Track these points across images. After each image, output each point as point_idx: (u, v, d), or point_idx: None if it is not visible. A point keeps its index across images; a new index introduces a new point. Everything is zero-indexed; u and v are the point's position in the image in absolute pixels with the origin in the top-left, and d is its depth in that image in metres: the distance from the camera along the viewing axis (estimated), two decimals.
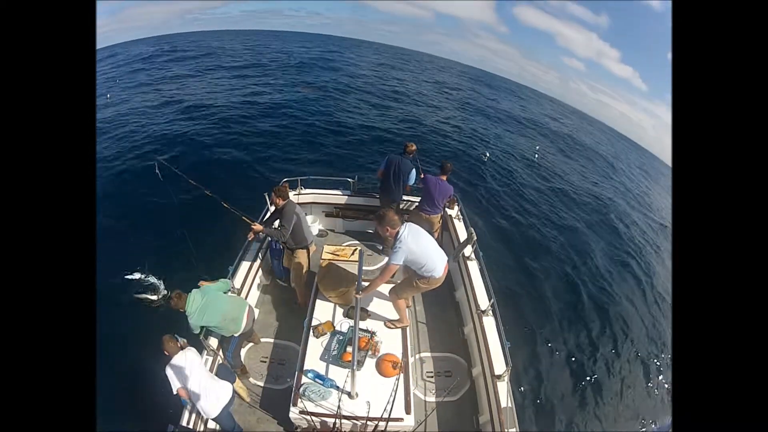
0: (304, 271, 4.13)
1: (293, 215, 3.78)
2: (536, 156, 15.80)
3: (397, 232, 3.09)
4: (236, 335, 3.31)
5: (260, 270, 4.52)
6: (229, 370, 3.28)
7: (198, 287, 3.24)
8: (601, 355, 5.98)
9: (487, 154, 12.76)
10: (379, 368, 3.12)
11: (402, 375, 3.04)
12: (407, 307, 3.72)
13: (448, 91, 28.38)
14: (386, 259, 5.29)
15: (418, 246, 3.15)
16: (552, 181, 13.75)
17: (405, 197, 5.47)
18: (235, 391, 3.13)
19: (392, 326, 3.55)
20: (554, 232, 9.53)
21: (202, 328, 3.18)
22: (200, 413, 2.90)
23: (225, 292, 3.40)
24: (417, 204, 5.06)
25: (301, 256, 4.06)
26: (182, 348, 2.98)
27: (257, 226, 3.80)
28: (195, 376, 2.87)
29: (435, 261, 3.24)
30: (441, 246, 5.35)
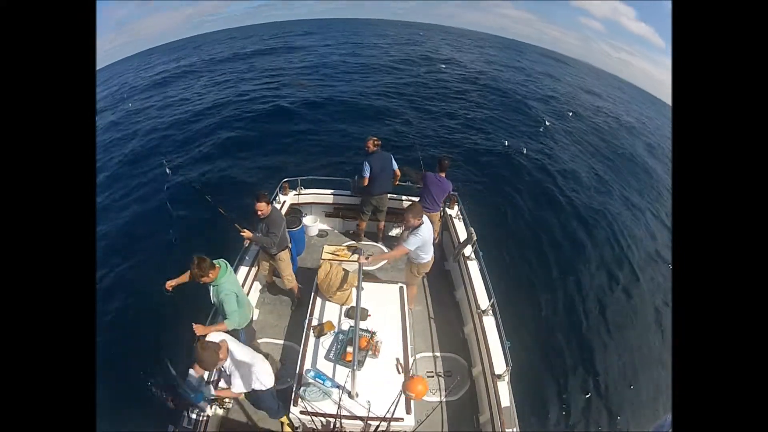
0: (290, 269, 4.17)
1: (282, 221, 3.74)
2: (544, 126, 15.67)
3: (420, 224, 3.61)
4: (240, 328, 3.28)
5: (261, 270, 4.52)
6: None
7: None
8: (602, 355, 5.98)
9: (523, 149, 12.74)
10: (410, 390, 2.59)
11: (403, 375, 3.04)
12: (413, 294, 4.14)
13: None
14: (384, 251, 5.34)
15: (431, 237, 3.76)
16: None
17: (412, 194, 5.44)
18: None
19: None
20: (557, 226, 9.47)
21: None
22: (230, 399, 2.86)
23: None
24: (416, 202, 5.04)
25: (285, 256, 4.05)
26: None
27: (247, 233, 3.68)
28: (240, 350, 2.69)
29: (431, 249, 3.92)
30: (441, 246, 5.34)
